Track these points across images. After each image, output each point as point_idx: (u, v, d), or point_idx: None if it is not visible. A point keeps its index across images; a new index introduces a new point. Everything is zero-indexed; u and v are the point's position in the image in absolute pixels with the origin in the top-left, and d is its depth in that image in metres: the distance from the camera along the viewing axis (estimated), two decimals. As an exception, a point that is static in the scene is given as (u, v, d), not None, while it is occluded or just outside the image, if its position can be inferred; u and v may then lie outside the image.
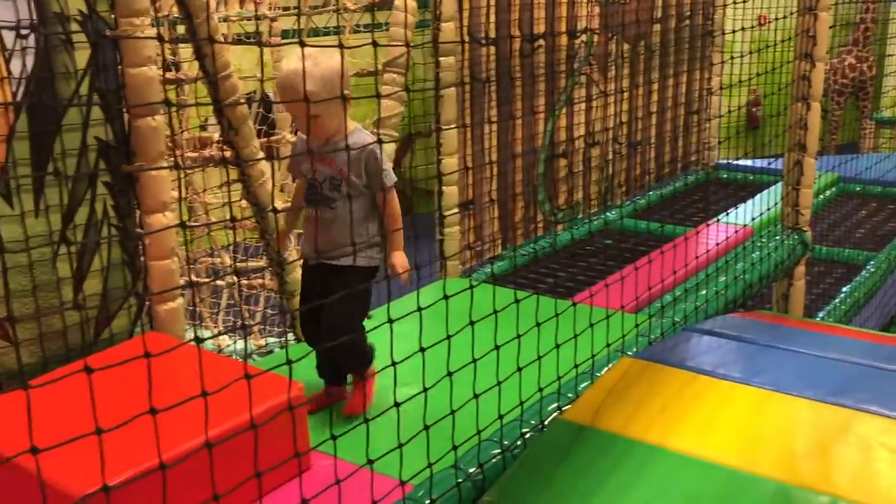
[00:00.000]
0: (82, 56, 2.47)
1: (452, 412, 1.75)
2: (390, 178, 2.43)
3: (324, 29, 4.04)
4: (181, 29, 3.75)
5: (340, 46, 1.98)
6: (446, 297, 1.71)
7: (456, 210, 3.73)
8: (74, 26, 2.44)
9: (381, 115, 3.41)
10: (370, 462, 1.61)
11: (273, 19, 3.81)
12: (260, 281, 3.39)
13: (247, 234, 3.48)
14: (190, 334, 3.10)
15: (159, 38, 2.60)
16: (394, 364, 1.62)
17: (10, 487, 1.94)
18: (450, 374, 1.73)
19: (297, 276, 3.15)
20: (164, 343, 2.62)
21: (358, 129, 2.48)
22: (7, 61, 2.32)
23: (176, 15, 3.20)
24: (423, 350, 1.67)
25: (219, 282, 3.46)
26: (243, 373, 1.50)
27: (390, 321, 1.61)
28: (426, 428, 1.69)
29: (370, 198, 2.46)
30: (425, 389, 1.69)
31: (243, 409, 1.70)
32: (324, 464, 2.25)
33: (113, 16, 2.49)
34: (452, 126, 3.59)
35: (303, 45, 1.94)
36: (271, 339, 3.37)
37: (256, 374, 1.56)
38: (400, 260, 2.48)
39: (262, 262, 3.57)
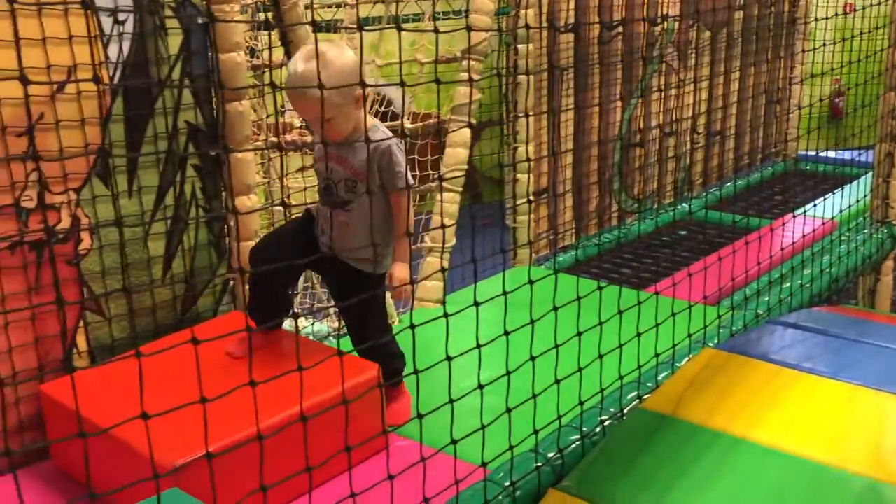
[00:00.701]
0: (175, 42, 2.55)
1: (534, 396, 1.76)
2: (403, 179, 2.25)
3: (403, 16, 4.06)
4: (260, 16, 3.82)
5: (436, 31, 1.99)
6: (531, 283, 1.71)
7: (530, 198, 3.72)
8: (168, 13, 2.52)
9: (458, 103, 3.42)
10: (454, 442, 1.63)
11: (354, 6, 3.85)
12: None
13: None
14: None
15: (254, 23, 2.64)
16: (479, 346, 1.64)
17: (103, 456, 2.02)
18: (532, 358, 1.74)
19: (374, 261, 3.19)
20: (245, 322, 2.71)
21: (375, 126, 2.33)
22: (105, 46, 2.41)
23: (260, 2, 3.26)
24: (507, 333, 1.68)
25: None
26: (321, 353, 1.53)
27: (476, 304, 1.62)
28: (508, 411, 1.70)
29: (386, 203, 2.30)
30: (508, 372, 1.70)
31: (319, 389, 1.73)
32: (398, 445, 2.29)
33: (204, 3, 2.57)
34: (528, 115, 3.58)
35: (400, 29, 1.97)
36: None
37: (329, 355, 1.59)
38: (399, 273, 2.29)
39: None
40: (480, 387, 1.66)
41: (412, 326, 1.55)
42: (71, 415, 2.19)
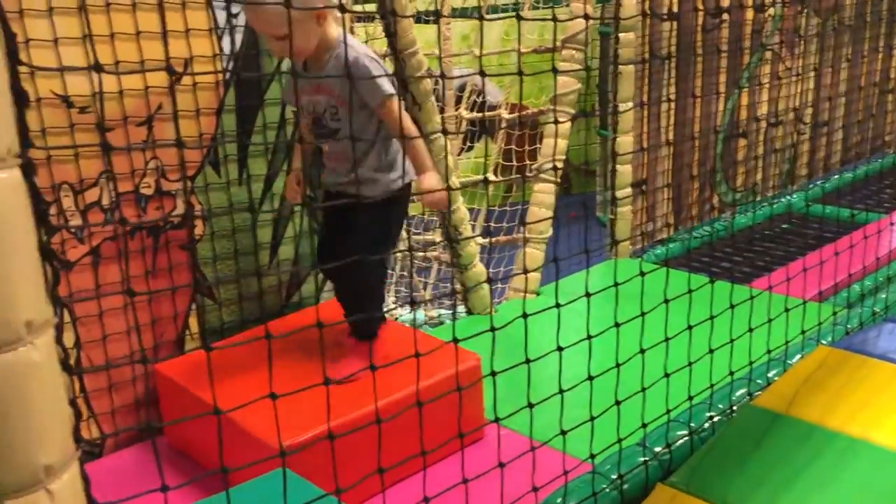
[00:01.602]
0: (284, 33, 2.61)
1: (643, 389, 1.73)
2: (382, 90, 2.05)
3: (502, 5, 4.05)
4: (357, 7, 3.87)
5: (519, 18, 1.97)
6: (643, 274, 1.69)
7: (629, 189, 3.66)
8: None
9: (558, 92, 3.39)
10: (563, 433, 1.62)
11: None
12: (434, 253, 3.47)
13: (424, 208, 3.56)
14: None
15: (380, 15, 2.66)
16: (589, 337, 1.63)
17: (213, 435, 2.09)
18: (642, 351, 1.71)
19: (472, 251, 3.20)
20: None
21: (339, 41, 2.10)
22: (219, 38, 2.49)
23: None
24: (617, 325, 1.66)
25: (396, 253, 3.57)
26: (421, 341, 1.54)
27: (588, 294, 1.61)
28: (617, 403, 1.69)
29: (377, 120, 2.15)
30: (618, 365, 1.68)
31: (421, 377, 1.74)
32: (496, 435, 2.30)
33: (313, -5, 2.61)
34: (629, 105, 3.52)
35: (482, 18, 1.96)
36: (443, 311, 3.44)
37: (438, 347, 1.60)
38: (428, 182, 2.11)
39: (436, 236, 3.66)
40: (590, 378, 1.65)
41: (524, 316, 1.54)
42: (184, 393, 2.27)
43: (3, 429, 0.84)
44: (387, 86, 2.06)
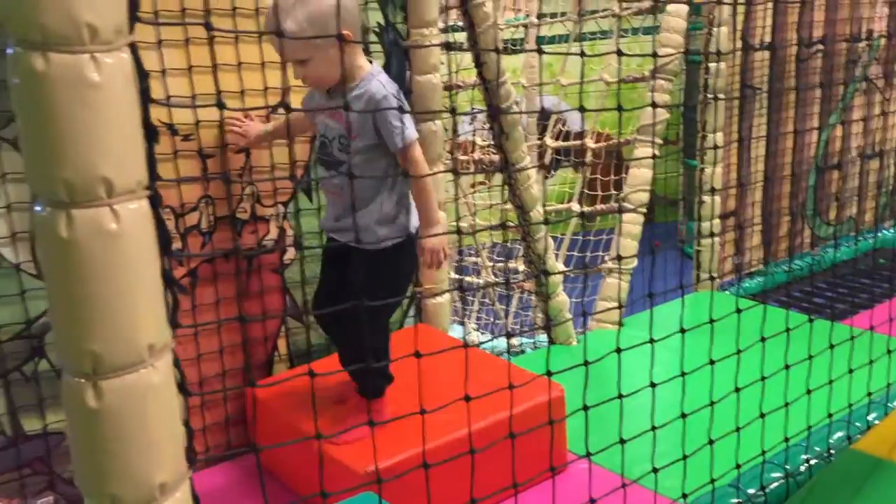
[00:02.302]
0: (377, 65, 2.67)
1: (738, 429, 1.69)
2: (405, 135, 1.94)
3: (590, 34, 4.05)
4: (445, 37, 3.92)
5: (620, 54, 1.97)
6: (739, 311, 1.65)
7: (717, 221, 3.59)
8: (373, 37, 2.65)
9: (644, 122, 3.36)
10: (655, 471, 1.59)
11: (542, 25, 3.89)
12: (519, 282, 3.48)
13: (508, 236, 3.57)
14: (456, 329, 3.23)
15: (448, 46, 2.71)
16: (683, 374, 1.60)
17: (300, 456, 2.13)
18: (737, 389, 1.67)
19: (556, 279, 3.19)
20: (432, 335, 2.78)
21: (370, 74, 2.01)
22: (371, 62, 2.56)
23: (455, 23, 3.35)
24: (712, 362, 1.63)
25: (481, 280, 3.59)
26: (507, 369, 1.54)
27: (683, 331, 1.58)
28: (711, 442, 1.65)
29: (387, 163, 2.02)
30: (712, 403, 1.64)
31: (504, 406, 1.73)
32: (579, 468, 2.27)
33: (406, 26, 2.67)
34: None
35: (582, 55, 1.97)
36: (525, 340, 3.43)
37: (530, 380, 1.60)
38: (431, 242, 2.00)
39: (519, 264, 3.66)
40: (683, 415, 1.62)
41: (618, 350, 1.53)
42: (273, 414, 2.33)
43: (123, 447, 0.87)
44: (411, 130, 1.97)
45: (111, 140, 0.81)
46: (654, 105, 1.79)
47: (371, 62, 2.10)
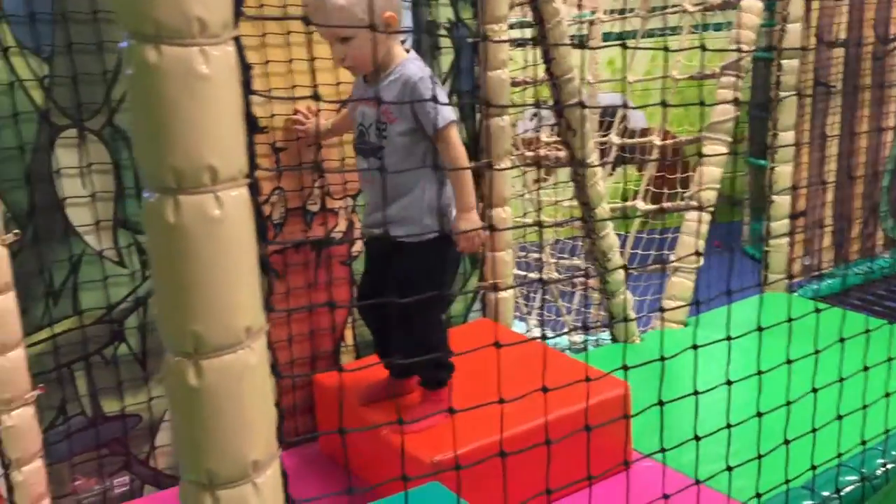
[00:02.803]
0: (446, 60, 2.69)
1: (814, 430, 1.67)
2: (443, 116, 1.90)
3: (658, 30, 4.02)
4: (513, 32, 3.93)
5: (703, 48, 1.96)
6: (817, 311, 1.63)
7: (786, 221, 3.53)
8: (443, 33, 2.67)
9: (715, 120, 3.32)
10: (728, 469, 1.58)
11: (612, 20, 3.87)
12: (582, 279, 3.47)
13: (573, 232, 3.56)
14: (518, 325, 3.24)
15: (520, 41, 2.71)
16: (760, 373, 1.58)
17: (365, 445, 2.17)
18: (815, 390, 1.65)
19: (619, 277, 3.18)
20: (495, 329, 2.80)
21: (407, 59, 2.00)
22: (408, 51, 2.59)
23: (523, 19, 3.36)
24: (789, 362, 1.61)
25: (546, 276, 3.59)
26: (570, 366, 1.54)
27: (760, 329, 1.57)
28: (786, 443, 1.63)
29: (426, 147, 1.98)
30: (789, 403, 1.62)
31: (568, 401, 1.73)
32: (643, 466, 2.26)
33: (475, 22, 2.69)
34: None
35: (668, 50, 1.95)
36: (587, 337, 3.42)
37: (603, 375, 1.60)
38: (465, 224, 1.95)
39: (582, 261, 3.64)
40: (759, 415, 1.60)
41: (694, 347, 1.52)
42: (340, 403, 2.37)
43: (220, 424, 0.91)
44: (448, 111, 1.95)
45: (217, 130, 0.85)
46: (736, 101, 1.77)
47: (408, 50, 2.09)
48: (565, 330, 3.57)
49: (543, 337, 1.52)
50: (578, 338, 3.38)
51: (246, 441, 0.93)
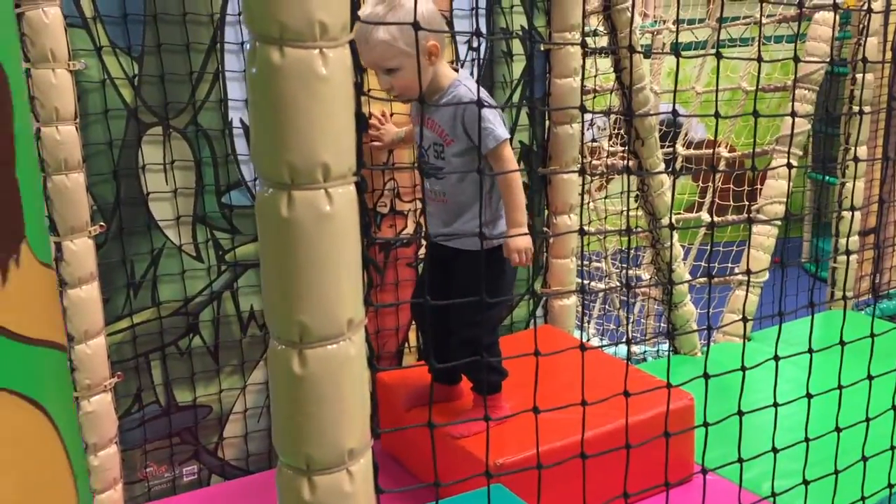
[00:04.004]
0: (518, 67, 2.72)
1: (864, 459, 1.64)
2: (495, 135, 1.98)
3: (729, 41, 3.98)
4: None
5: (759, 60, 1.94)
6: (873, 336, 1.61)
7: (855, 238, 3.47)
8: (515, 40, 2.70)
9: (784, 133, 3.29)
10: (805, 483, 1.57)
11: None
12: (644, 289, 3.46)
13: (634, 242, 3.55)
14: (576, 334, 3.24)
15: (610, 51, 2.72)
16: (809, 396, 1.57)
17: (427, 446, 2.19)
18: (868, 420, 1.63)
19: (683, 289, 3.16)
20: (557, 336, 2.80)
21: (457, 81, 2.05)
22: (456, 71, 2.63)
23: (597, 28, 3.37)
24: (840, 388, 1.59)
25: (603, 285, 3.59)
26: (633, 375, 1.54)
27: (811, 351, 1.55)
28: (864, 459, 1.61)
29: (483, 165, 2.02)
30: (838, 430, 1.61)
31: (632, 411, 1.73)
32: (707, 479, 2.25)
33: (548, 30, 2.71)
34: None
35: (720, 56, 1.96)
36: (648, 348, 3.41)
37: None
38: (516, 243, 1.99)
39: (644, 272, 3.63)
40: (807, 440, 1.60)
41: (743, 369, 1.52)
42: (396, 401, 2.39)
43: (320, 412, 0.95)
44: (501, 130, 2.01)
45: (331, 128, 0.89)
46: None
47: (457, 70, 2.15)
48: (622, 340, 3.55)
49: (628, 345, 1.53)
50: (638, 349, 3.37)
51: (343, 429, 0.96)
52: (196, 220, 2.31)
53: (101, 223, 2.13)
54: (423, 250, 2.67)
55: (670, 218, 1.78)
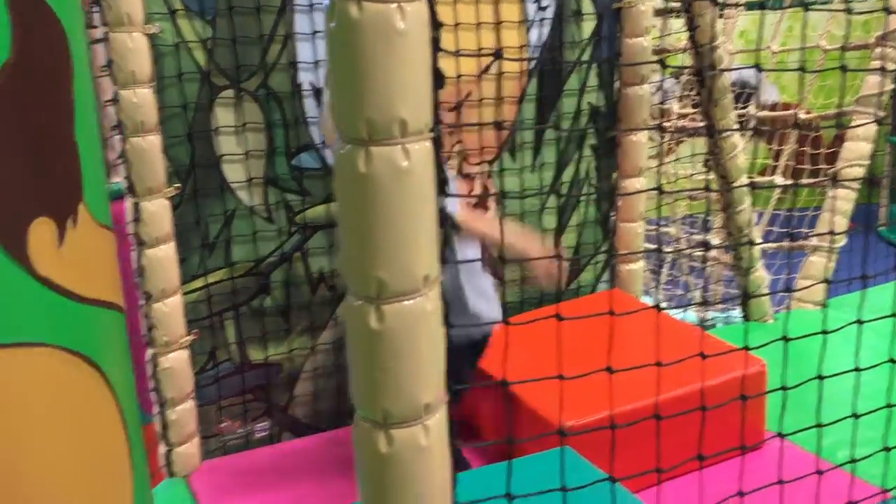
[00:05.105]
0: (588, 27, 2.67)
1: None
2: (456, 214, 1.98)
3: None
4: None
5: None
6: None
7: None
8: (585, -1, 2.65)
9: (867, 93, 3.16)
10: (853, 461, 1.53)
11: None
12: (714, 254, 3.39)
13: (703, 207, 3.47)
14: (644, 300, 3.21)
15: (683, 9, 2.65)
16: (893, 361, 1.52)
17: (496, 407, 2.21)
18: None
19: (755, 254, 3.09)
20: (625, 300, 2.78)
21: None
22: (527, 30, 2.60)
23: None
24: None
25: (677, 251, 3.53)
26: (705, 340, 1.51)
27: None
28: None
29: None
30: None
31: (699, 376, 1.71)
32: (776, 446, 2.21)
33: (619, -12, 2.65)
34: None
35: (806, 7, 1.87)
36: (717, 314, 3.35)
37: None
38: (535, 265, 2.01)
39: (714, 237, 3.56)
40: (890, 406, 1.55)
41: (824, 332, 1.47)
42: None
43: (397, 367, 0.96)
44: (456, 211, 1.99)
45: (409, 83, 0.88)
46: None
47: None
48: (691, 305, 3.51)
49: (705, 304, 1.51)
50: (707, 314, 3.32)
51: (420, 384, 0.97)
52: (267, 182, 2.35)
53: (177, 185, 2.18)
54: (489, 213, 2.67)
55: (743, 180, 1.72)
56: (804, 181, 3.44)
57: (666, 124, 3.39)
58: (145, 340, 2.18)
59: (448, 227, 0.96)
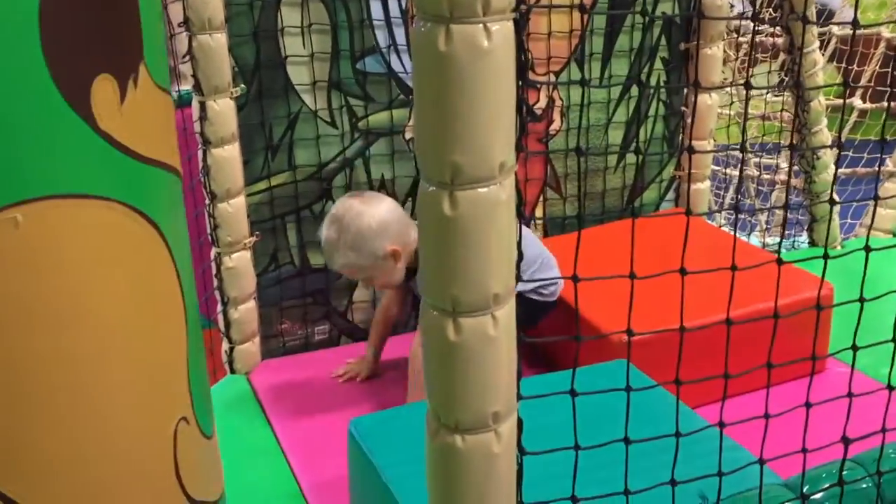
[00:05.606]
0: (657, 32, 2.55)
1: None
2: None
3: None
4: None
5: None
6: None
7: None
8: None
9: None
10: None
11: None
12: (782, 178, 3.29)
13: (774, 128, 3.36)
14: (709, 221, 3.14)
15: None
16: None
17: (561, 323, 2.21)
18: None
19: (826, 179, 2.98)
20: (691, 220, 2.72)
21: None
22: None
23: None
24: None
25: (744, 173, 3.44)
26: (769, 260, 1.46)
27: None
28: None
29: None
30: None
31: (764, 296, 1.66)
32: (838, 371, 2.17)
33: None
34: None
35: None
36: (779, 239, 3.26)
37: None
38: None
39: (782, 160, 3.45)
40: None
41: (867, 249, 1.41)
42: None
43: (468, 253, 0.94)
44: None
45: (493, -43, 0.85)
46: None
47: None
48: (758, 228, 3.43)
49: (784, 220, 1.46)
50: (771, 239, 3.24)
51: (490, 272, 0.96)
52: (331, 85, 2.33)
53: (242, 85, 2.18)
54: (553, 126, 2.62)
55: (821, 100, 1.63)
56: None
57: (742, 39, 3.25)
58: (211, 240, 2.22)
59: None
